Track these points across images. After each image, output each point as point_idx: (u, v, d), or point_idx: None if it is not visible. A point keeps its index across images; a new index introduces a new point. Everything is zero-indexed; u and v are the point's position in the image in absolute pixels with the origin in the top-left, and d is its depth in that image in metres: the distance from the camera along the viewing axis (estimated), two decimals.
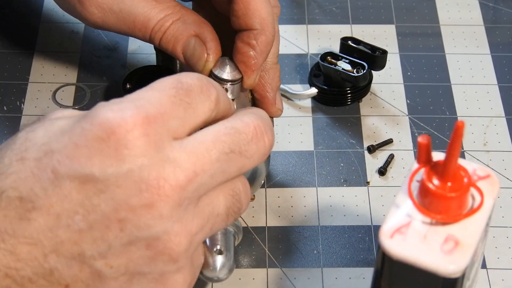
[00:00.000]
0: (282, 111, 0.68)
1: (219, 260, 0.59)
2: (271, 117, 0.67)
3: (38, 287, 0.48)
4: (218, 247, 0.59)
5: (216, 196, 0.53)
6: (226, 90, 0.63)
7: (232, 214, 0.54)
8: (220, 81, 0.63)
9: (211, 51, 0.63)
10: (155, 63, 0.77)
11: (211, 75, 0.63)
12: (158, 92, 0.51)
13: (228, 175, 0.52)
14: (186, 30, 0.64)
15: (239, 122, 0.54)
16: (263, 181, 0.67)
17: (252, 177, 0.64)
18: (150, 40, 0.65)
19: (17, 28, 0.82)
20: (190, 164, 0.50)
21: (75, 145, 0.48)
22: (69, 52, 0.81)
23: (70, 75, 0.79)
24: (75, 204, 0.48)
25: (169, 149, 0.49)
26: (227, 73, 0.63)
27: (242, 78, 0.63)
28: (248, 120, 0.54)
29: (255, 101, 0.68)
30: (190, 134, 0.52)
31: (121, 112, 0.48)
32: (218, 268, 0.59)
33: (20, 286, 0.48)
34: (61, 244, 0.48)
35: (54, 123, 0.50)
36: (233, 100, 0.64)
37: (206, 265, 0.59)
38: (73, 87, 0.78)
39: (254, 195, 0.70)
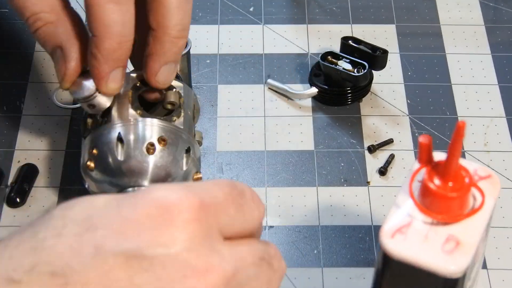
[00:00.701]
0: (162, 85, 0.64)
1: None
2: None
3: None
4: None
5: None
6: (92, 106, 0.62)
7: None
8: (81, 101, 0.62)
9: (68, 72, 0.62)
10: None
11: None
12: (213, 185, 0.48)
13: (259, 283, 0.49)
14: (54, 38, 0.62)
15: (262, 246, 0.51)
16: None
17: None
18: (27, 27, 0.64)
19: (17, 28, 0.82)
20: (234, 259, 0.47)
21: (124, 220, 0.44)
22: None
23: None
24: (114, 281, 0.43)
25: (216, 241, 0.46)
26: (83, 91, 0.62)
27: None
28: (271, 243, 0.52)
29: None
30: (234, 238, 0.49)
31: (176, 192, 0.46)
32: None
33: None
34: None
35: (95, 200, 0.46)
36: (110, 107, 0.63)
37: None
38: None
39: None
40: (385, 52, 0.75)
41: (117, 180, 0.62)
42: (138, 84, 0.64)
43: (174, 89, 0.65)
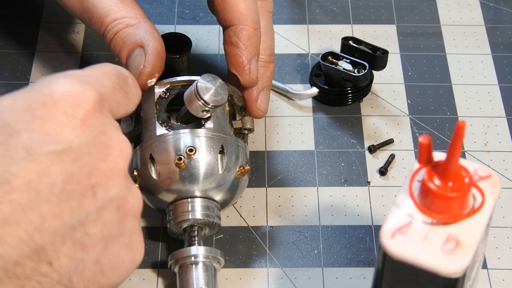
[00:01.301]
0: (264, 113, 0.68)
1: None
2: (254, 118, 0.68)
3: (25, 269, 0.47)
4: (203, 286, 0.60)
5: None
6: (208, 111, 0.63)
7: None
8: (204, 102, 0.63)
9: (147, 64, 0.64)
10: None
11: (196, 94, 0.63)
12: (103, 75, 0.54)
13: None
14: (134, 37, 0.65)
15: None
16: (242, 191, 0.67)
17: (231, 190, 0.64)
18: (103, 37, 0.66)
19: (18, 28, 0.82)
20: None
21: (40, 120, 0.49)
22: (69, 52, 0.81)
23: None
24: (52, 176, 0.48)
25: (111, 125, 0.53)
26: (209, 96, 0.62)
27: (224, 103, 0.63)
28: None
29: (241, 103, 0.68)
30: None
31: (80, 86, 0.50)
32: None
33: (5, 271, 0.47)
34: (43, 220, 0.47)
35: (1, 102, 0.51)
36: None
37: None
38: None
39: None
40: (385, 52, 0.75)
41: (162, 196, 0.64)
42: (162, 94, 0.65)
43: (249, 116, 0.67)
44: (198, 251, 0.62)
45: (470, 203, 0.52)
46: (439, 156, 0.52)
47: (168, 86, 0.65)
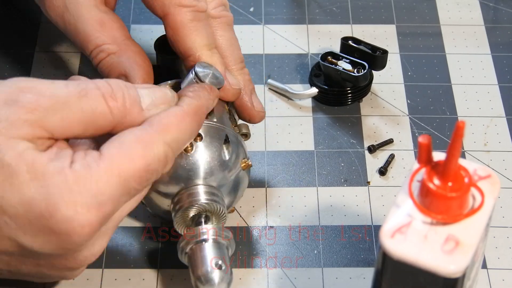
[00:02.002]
0: (264, 113, 0.69)
1: (218, 274, 0.59)
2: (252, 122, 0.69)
3: None
4: (218, 261, 0.60)
5: None
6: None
7: None
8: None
9: None
10: (154, 63, 0.76)
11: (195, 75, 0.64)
12: (119, 186, 0.55)
13: None
14: (117, 67, 0.65)
15: None
16: (243, 192, 0.67)
17: (234, 188, 0.64)
18: (90, 58, 0.67)
19: (18, 28, 0.82)
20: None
21: None
22: (69, 52, 0.81)
23: (70, 75, 0.79)
24: None
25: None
26: (209, 79, 0.64)
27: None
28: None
29: (236, 110, 0.68)
30: None
31: (83, 215, 0.54)
32: (217, 283, 0.59)
33: None
34: None
35: None
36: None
37: (206, 281, 0.59)
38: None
39: (234, 208, 0.69)
40: (385, 52, 0.75)
41: (167, 187, 0.64)
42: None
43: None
44: (208, 228, 0.61)
45: (470, 203, 0.52)
46: (438, 156, 0.52)
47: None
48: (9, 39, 0.82)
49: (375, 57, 0.75)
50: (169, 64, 0.74)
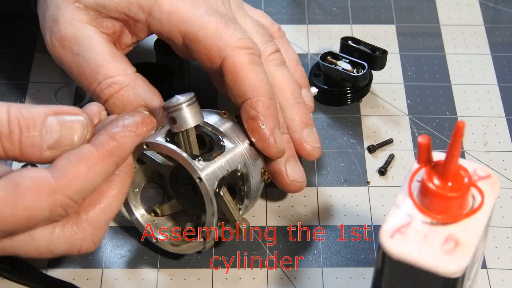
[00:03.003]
0: (300, 183, 0.67)
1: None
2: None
3: None
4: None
5: None
6: (173, 119, 0.61)
7: None
8: (168, 109, 0.61)
9: (159, 124, 0.62)
10: (153, 63, 0.76)
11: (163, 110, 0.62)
12: None
13: None
14: (136, 99, 0.64)
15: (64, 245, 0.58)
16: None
17: (253, 195, 0.65)
18: (93, 93, 0.65)
19: (18, 28, 0.82)
20: None
21: None
22: None
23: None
24: None
25: None
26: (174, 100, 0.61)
27: (193, 97, 0.62)
28: (78, 244, 0.59)
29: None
30: None
31: None
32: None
33: None
34: None
35: None
36: (192, 127, 0.62)
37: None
38: (74, 87, 0.78)
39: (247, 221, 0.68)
40: (384, 52, 0.76)
41: None
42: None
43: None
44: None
45: (470, 203, 0.52)
46: (438, 156, 0.52)
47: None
48: (9, 39, 0.82)
49: (374, 57, 0.76)
50: (169, 64, 0.74)
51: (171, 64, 0.74)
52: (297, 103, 0.67)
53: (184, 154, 0.60)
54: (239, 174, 0.63)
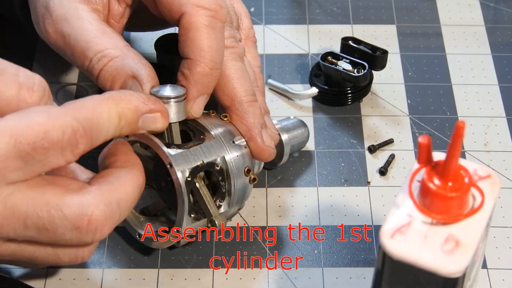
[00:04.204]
0: (274, 150, 0.66)
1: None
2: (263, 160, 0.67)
3: None
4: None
5: (25, 249, 0.57)
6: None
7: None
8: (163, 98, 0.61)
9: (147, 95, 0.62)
10: (152, 65, 0.76)
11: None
12: (9, 146, 0.52)
13: (38, 240, 0.56)
14: (123, 69, 0.63)
15: (73, 209, 0.55)
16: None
17: (236, 194, 0.64)
18: (88, 72, 0.65)
19: (18, 28, 0.82)
20: (1, 217, 0.53)
21: None
22: None
23: (71, 75, 0.79)
24: None
25: None
26: (168, 91, 0.62)
27: (183, 95, 0.62)
28: (89, 211, 0.55)
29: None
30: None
31: None
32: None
33: None
34: None
35: None
36: (175, 122, 0.62)
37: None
38: (75, 87, 0.78)
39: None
40: (385, 53, 0.76)
41: None
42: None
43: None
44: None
45: (470, 203, 0.52)
46: (438, 156, 0.52)
47: None
48: (9, 39, 0.82)
49: (375, 57, 0.76)
50: (169, 63, 0.74)
51: (172, 64, 0.74)
52: (251, 106, 0.66)
53: (156, 140, 0.61)
54: (218, 168, 0.63)
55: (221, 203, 0.64)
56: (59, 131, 0.53)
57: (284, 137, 0.70)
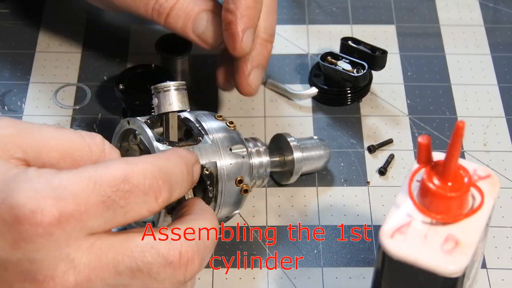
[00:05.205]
0: (255, 91, 0.66)
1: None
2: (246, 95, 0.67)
3: None
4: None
5: None
6: (158, 99, 0.60)
7: None
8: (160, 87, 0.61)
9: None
10: (152, 63, 0.76)
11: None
12: (88, 188, 0.48)
13: None
14: (196, 6, 0.63)
15: (163, 245, 0.50)
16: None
17: (224, 201, 0.64)
18: (152, 14, 0.63)
19: (18, 28, 0.82)
20: (88, 268, 0.48)
21: None
22: (70, 52, 0.81)
23: (71, 75, 0.79)
24: None
25: (74, 248, 0.48)
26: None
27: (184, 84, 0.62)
28: (178, 244, 0.51)
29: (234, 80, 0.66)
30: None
31: (36, 201, 0.46)
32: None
33: None
34: None
35: None
36: (174, 112, 0.61)
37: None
38: (74, 87, 0.78)
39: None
40: (384, 53, 0.76)
41: None
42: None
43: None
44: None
45: (470, 203, 0.52)
46: (438, 156, 0.52)
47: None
48: (9, 39, 0.82)
49: (374, 57, 0.76)
50: (170, 65, 0.74)
51: (174, 64, 0.74)
52: (262, 44, 0.66)
53: (149, 132, 0.61)
54: (207, 172, 0.62)
55: None
56: (139, 175, 0.49)
57: (297, 155, 0.69)
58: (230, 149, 0.63)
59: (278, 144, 0.70)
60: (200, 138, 0.63)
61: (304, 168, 0.70)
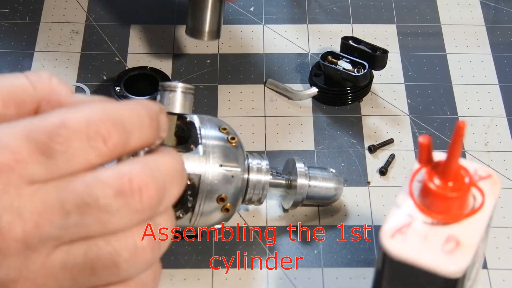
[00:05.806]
0: None
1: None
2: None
3: None
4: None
5: (76, 249, 0.47)
6: (161, 97, 0.59)
7: (102, 269, 0.47)
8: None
9: None
10: (152, 64, 0.76)
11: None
12: (22, 137, 0.46)
13: (87, 230, 0.47)
14: None
15: (110, 173, 0.47)
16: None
17: (200, 214, 0.63)
18: None
19: (18, 28, 0.82)
20: (34, 214, 0.46)
21: None
22: (69, 52, 0.81)
23: (70, 75, 0.79)
24: None
25: (15, 197, 0.46)
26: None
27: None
28: (126, 170, 0.47)
29: None
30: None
31: None
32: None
33: None
34: None
35: None
36: (174, 115, 0.60)
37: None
38: (73, 87, 0.78)
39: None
40: (385, 52, 0.75)
41: None
42: None
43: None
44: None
45: (470, 203, 0.52)
46: (439, 156, 0.52)
47: None
48: (9, 39, 0.82)
49: (375, 57, 0.75)
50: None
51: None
52: None
53: None
54: (189, 182, 0.61)
55: (182, 215, 0.62)
56: (80, 119, 0.46)
57: (301, 181, 0.66)
58: (221, 165, 0.62)
59: (288, 168, 0.69)
60: (193, 146, 0.62)
61: (308, 196, 0.67)
